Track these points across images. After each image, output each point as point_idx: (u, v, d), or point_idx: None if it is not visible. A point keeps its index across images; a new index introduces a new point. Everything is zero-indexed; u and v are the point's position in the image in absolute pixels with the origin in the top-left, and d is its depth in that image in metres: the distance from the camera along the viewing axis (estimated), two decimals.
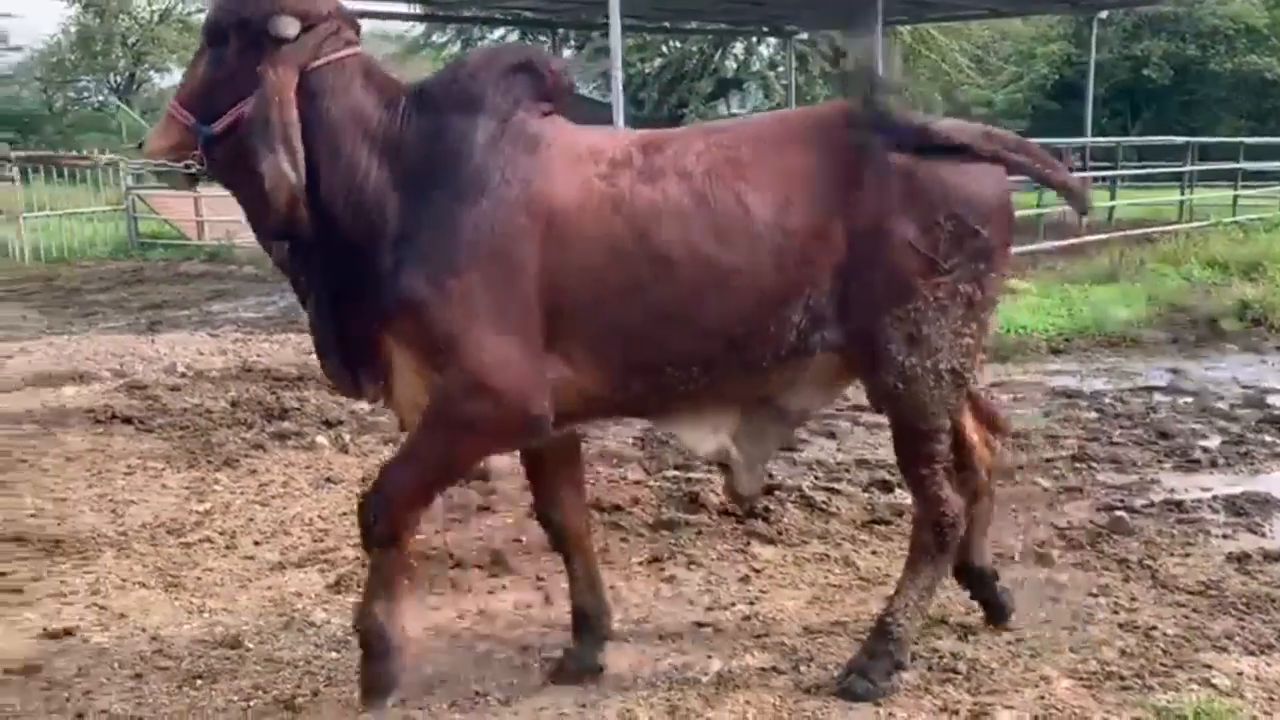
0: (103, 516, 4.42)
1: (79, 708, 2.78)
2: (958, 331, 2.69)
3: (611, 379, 2.65)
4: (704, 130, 2.85)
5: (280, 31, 2.54)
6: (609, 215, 2.58)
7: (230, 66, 2.57)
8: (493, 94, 2.64)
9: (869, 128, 2.66)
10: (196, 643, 3.20)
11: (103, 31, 51.05)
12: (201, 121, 2.59)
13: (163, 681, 2.93)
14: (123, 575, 3.74)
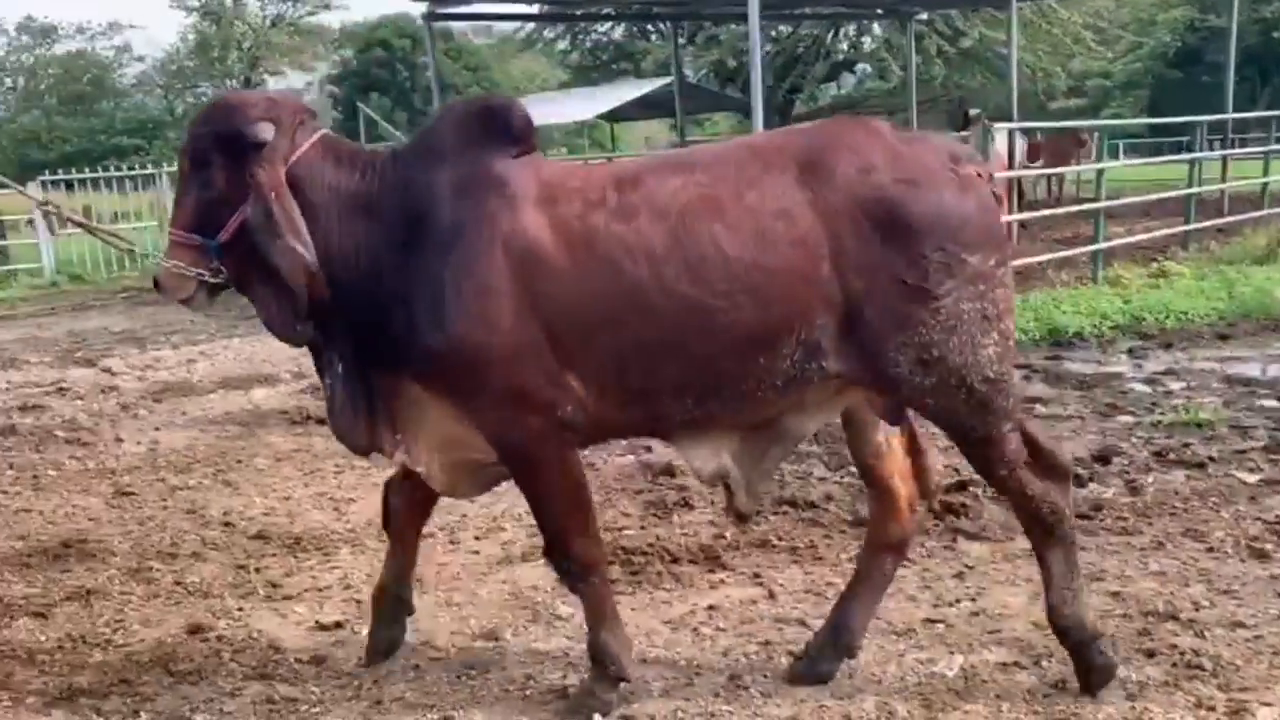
0: (328, 514, 4.73)
1: (374, 696, 3.02)
2: (976, 344, 2.72)
3: (614, 404, 2.76)
4: (680, 165, 2.87)
5: (258, 136, 2.71)
6: (582, 254, 2.66)
7: (219, 182, 2.74)
8: (459, 146, 2.77)
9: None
10: (456, 634, 3.43)
11: (219, 38, 52.87)
12: (207, 238, 2.76)
13: (440, 671, 3.16)
14: (365, 570, 4.01)
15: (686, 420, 2.79)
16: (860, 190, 2.67)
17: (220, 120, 2.76)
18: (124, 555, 4.21)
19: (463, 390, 2.71)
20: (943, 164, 2.77)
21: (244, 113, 2.75)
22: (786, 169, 2.71)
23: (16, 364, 8.89)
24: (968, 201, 2.73)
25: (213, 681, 3.11)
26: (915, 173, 2.71)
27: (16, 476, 5.40)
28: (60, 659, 3.29)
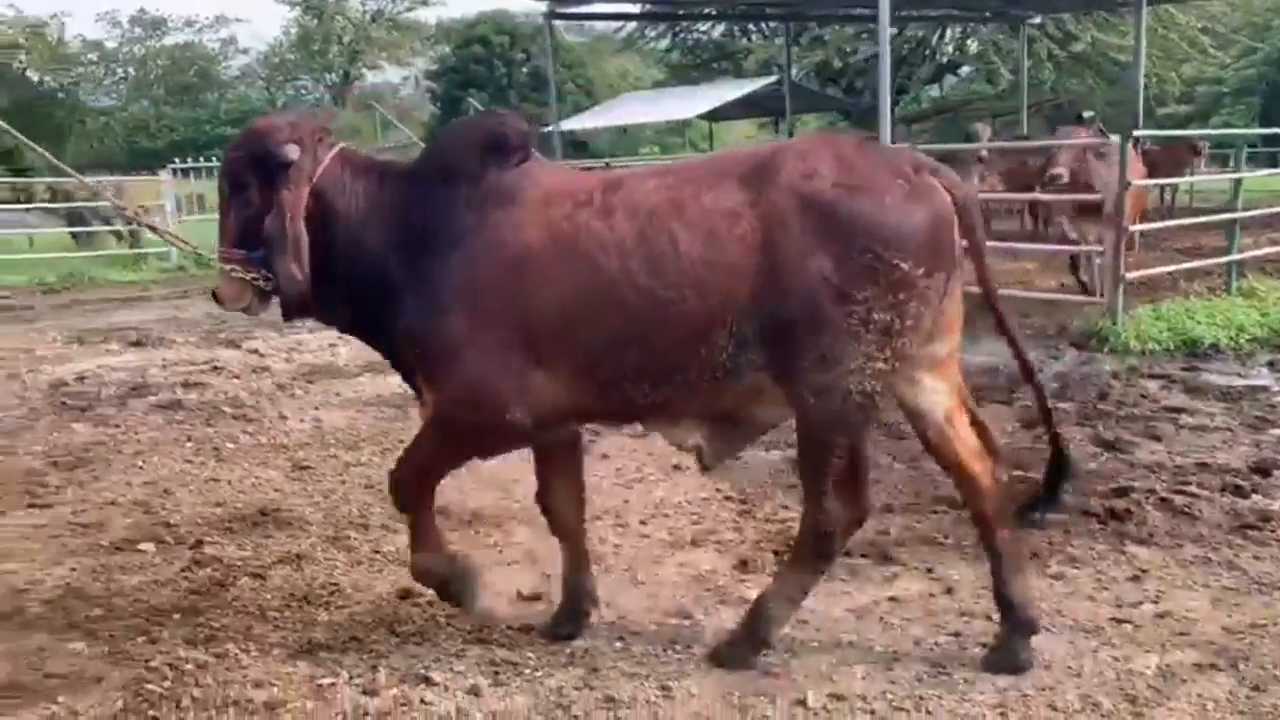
0: (495, 493, 4.92)
1: (588, 664, 3.19)
2: (869, 355, 2.83)
3: (589, 391, 3.03)
4: (658, 170, 3.16)
5: (286, 157, 3.07)
6: (569, 250, 2.95)
7: (255, 199, 3.09)
8: (463, 164, 3.10)
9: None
10: (649, 611, 3.58)
11: (320, 32, 54.21)
12: (251, 250, 3.10)
13: (644, 645, 3.32)
14: (546, 547, 4.19)
15: (648, 405, 3.05)
16: (799, 192, 2.85)
17: (253, 145, 3.12)
18: (319, 525, 4.46)
19: (428, 373, 3.08)
20: (893, 173, 2.89)
21: (272, 136, 3.11)
22: (739, 173, 2.94)
23: (165, 343, 9.34)
24: (913, 210, 2.85)
25: (435, 643, 3.31)
26: (857, 179, 2.86)
27: (198, 448, 5.72)
28: (290, 616, 3.53)
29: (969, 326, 3.23)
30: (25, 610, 3.61)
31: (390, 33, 56.21)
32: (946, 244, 2.92)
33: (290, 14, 54.67)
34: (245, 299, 3.17)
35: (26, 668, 3.15)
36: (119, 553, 4.17)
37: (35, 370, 8.04)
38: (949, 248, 2.93)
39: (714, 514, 4.63)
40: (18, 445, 5.85)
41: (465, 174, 3.07)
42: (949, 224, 2.92)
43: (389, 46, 56.59)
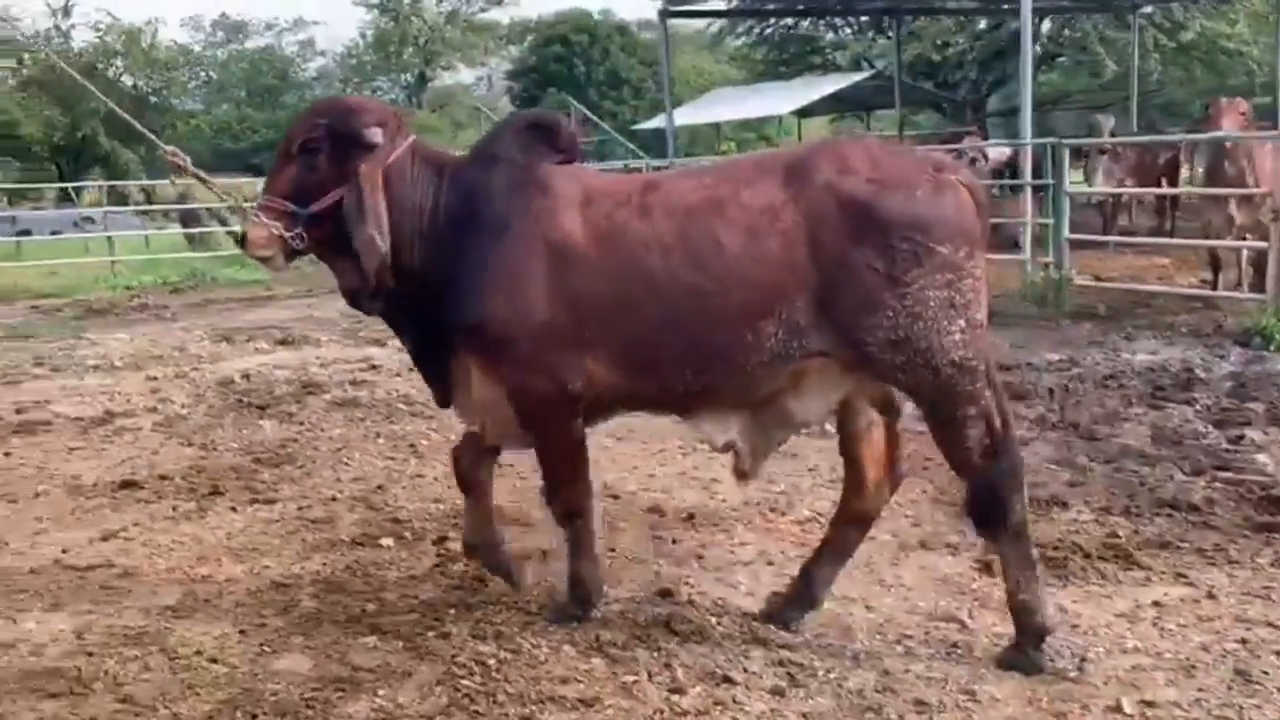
0: (700, 493, 4.96)
1: (880, 667, 3.18)
2: (942, 330, 3.01)
3: (630, 378, 3.21)
4: (696, 170, 3.43)
5: (373, 140, 3.23)
6: (608, 246, 3.14)
7: (323, 166, 3.24)
8: (512, 152, 3.29)
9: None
10: (911, 614, 3.57)
11: (397, 34, 54.89)
12: (299, 207, 3.22)
13: (929, 649, 3.31)
14: (776, 547, 4.21)
15: (689, 391, 3.21)
16: (837, 188, 3.05)
17: (341, 118, 3.27)
18: (544, 520, 4.50)
19: (488, 359, 3.23)
20: (919, 169, 3.13)
21: (363, 117, 3.27)
22: (776, 173, 3.14)
23: (312, 341, 9.55)
24: (941, 201, 3.07)
25: (717, 642, 3.33)
26: (889, 175, 3.07)
27: (393, 445, 5.83)
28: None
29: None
30: (299, 604, 3.70)
31: (464, 34, 56.72)
32: (974, 229, 3.13)
33: (366, 16, 55.55)
34: (273, 249, 3.27)
35: (331, 661, 3.23)
36: (361, 548, 4.26)
37: (198, 369, 8.26)
38: (977, 233, 3.15)
39: (929, 515, 4.60)
40: (215, 441, 6.01)
41: (515, 163, 3.27)
42: (973, 212, 3.14)
43: (463, 47, 57.09)
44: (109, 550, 4.30)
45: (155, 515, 4.73)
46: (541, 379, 3.20)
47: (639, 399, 3.38)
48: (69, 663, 3.24)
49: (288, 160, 3.28)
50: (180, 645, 3.35)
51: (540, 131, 3.36)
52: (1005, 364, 7.38)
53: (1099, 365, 7.39)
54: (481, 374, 3.29)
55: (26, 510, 4.87)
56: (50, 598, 3.79)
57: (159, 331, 10.50)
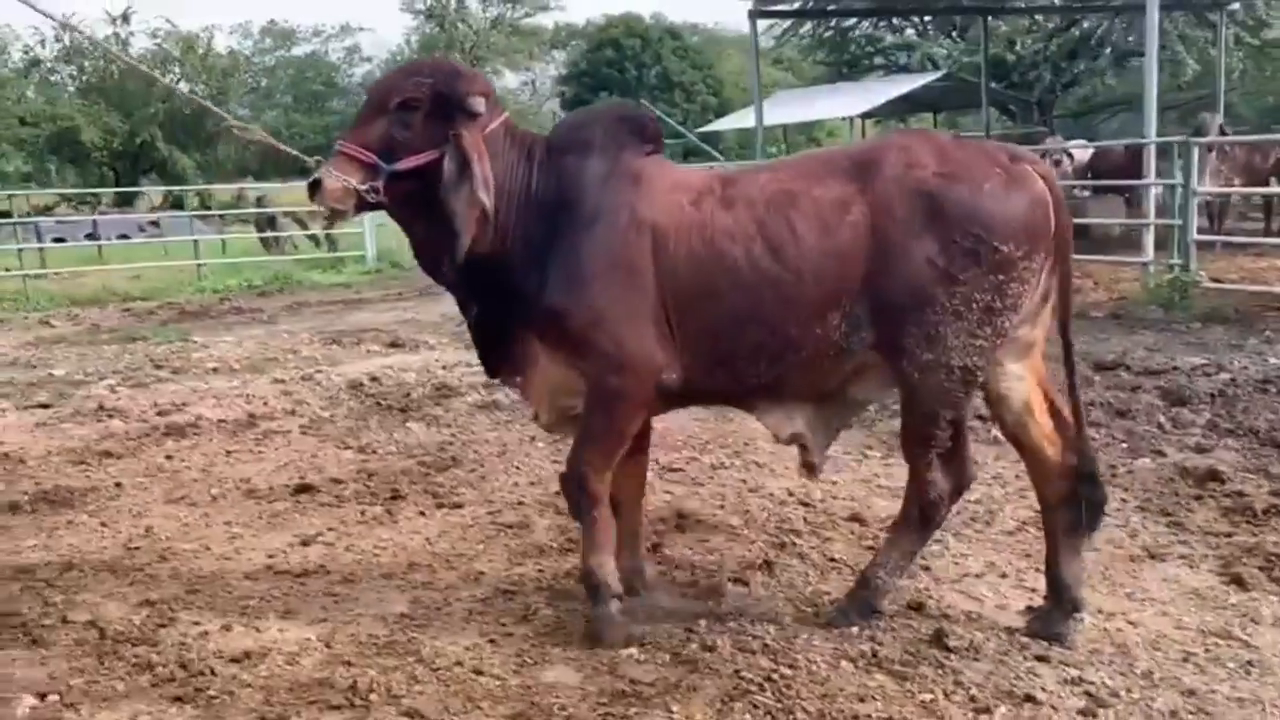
0: (888, 500, 4.78)
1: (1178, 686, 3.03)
2: (972, 334, 3.05)
3: (702, 368, 3.21)
4: (770, 165, 3.47)
5: (476, 109, 3.17)
6: (695, 235, 3.15)
7: (416, 126, 3.16)
8: (603, 140, 3.27)
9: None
10: (1180, 629, 3.40)
11: (443, 39, 55.15)
12: (384, 161, 3.12)
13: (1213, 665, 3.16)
14: (985, 558, 4.03)
15: (759, 384, 3.22)
16: (904, 182, 3.06)
17: (446, 80, 3.19)
18: (754, 529, 4.39)
19: (573, 346, 3.19)
20: (991, 162, 3.11)
21: (470, 84, 3.21)
22: (845, 167, 3.17)
23: (423, 344, 9.49)
24: (1011, 196, 3.06)
25: (999, 659, 3.16)
26: (957, 168, 3.07)
27: (554, 447, 5.67)
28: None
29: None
30: (537, 612, 3.58)
31: (509, 39, 56.87)
32: (1043, 228, 3.10)
33: (412, 22, 55.85)
34: (347, 202, 3.17)
35: (601, 673, 3.11)
36: (570, 555, 4.14)
37: (321, 371, 8.21)
38: (1045, 232, 3.12)
39: (1141, 523, 4.42)
40: (371, 444, 5.93)
41: (606, 152, 3.25)
42: (1045, 209, 3.10)
43: (508, 52, 57.25)
44: (314, 555, 4.21)
45: (345, 520, 4.65)
46: (632, 370, 3.18)
47: (709, 392, 3.38)
48: (330, 673, 3.14)
49: (378, 113, 3.18)
50: (435, 656, 3.24)
51: (629, 123, 3.36)
52: (1152, 368, 7.19)
53: (1248, 370, 7.15)
54: (563, 360, 3.25)
55: (211, 514, 4.80)
56: (279, 604, 3.70)
57: (263, 335, 10.49)
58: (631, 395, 3.23)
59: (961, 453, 3.41)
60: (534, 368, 3.34)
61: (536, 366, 3.33)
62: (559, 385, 3.34)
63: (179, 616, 3.58)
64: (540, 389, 3.39)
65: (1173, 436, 5.70)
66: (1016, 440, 3.38)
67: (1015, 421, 3.34)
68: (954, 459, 3.37)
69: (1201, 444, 5.51)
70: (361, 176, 3.13)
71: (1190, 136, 10.17)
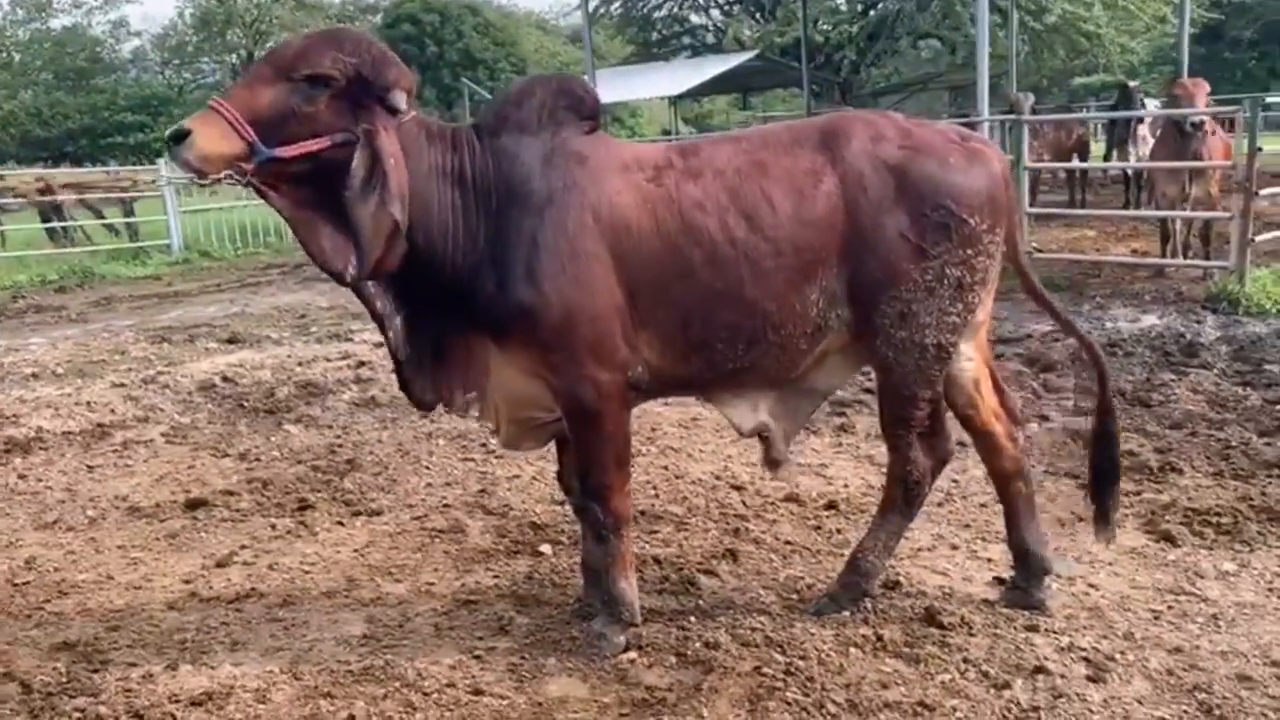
0: (821, 482, 4.82)
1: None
2: (944, 310, 3.05)
3: (675, 356, 3.05)
4: (729, 137, 3.26)
5: (399, 105, 2.82)
6: (661, 211, 2.97)
7: (318, 107, 2.74)
8: (543, 121, 2.98)
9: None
10: (1137, 589, 3.55)
11: (223, 12, 52.17)
12: (265, 143, 2.68)
13: (1184, 620, 3.30)
14: (937, 532, 4.10)
15: (735, 369, 3.09)
16: (872, 155, 3.03)
17: (374, 64, 2.79)
18: (699, 517, 4.29)
19: (545, 347, 2.92)
20: (948, 139, 3.14)
21: (399, 75, 2.83)
22: (813, 138, 3.10)
23: (265, 340, 8.86)
24: (974, 169, 3.08)
25: (996, 633, 3.19)
26: (920, 143, 3.07)
27: (458, 444, 5.43)
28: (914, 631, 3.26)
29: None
30: (512, 620, 3.36)
31: (294, 13, 54.31)
32: (1003, 201, 3.14)
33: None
34: (219, 168, 2.66)
35: (610, 682, 2.94)
36: (519, 557, 3.93)
37: (164, 372, 7.54)
38: (1004, 204, 3.15)
39: (1054, 488, 4.60)
40: (251, 451, 5.48)
41: (545, 131, 2.98)
42: (1002, 183, 3.14)
43: (294, 26, 54.68)
44: (237, 577, 3.83)
45: (256, 536, 4.26)
46: (602, 367, 2.95)
47: (679, 382, 3.16)
48: (312, 709, 2.85)
49: (277, 79, 2.72)
50: (421, 678, 2.99)
51: (566, 98, 3.04)
52: (1005, 336, 7.56)
53: (1092, 334, 7.58)
54: (526, 366, 2.98)
55: (97, 538, 4.30)
56: (221, 635, 3.33)
57: (78, 334, 9.58)
58: (613, 394, 3.00)
59: (940, 429, 3.43)
60: (489, 380, 3.04)
61: (492, 379, 3.04)
62: (521, 396, 3.06)
63: (111, 659, 3.17)
64: (499, 403, 3.10)
65: (1049, 400, 5.98)
66: (967, 420, 3.39)
67: (967, 402, 3.35)
68: (933, 435, 3.39)
69: (1079, 407, 5.80)
70: (230, 147, 2.65)
71: (1005, 115, 10.76)
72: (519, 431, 3.20)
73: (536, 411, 3.12)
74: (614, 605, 3.15)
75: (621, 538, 3.13)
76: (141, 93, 49.54)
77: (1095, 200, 14.78)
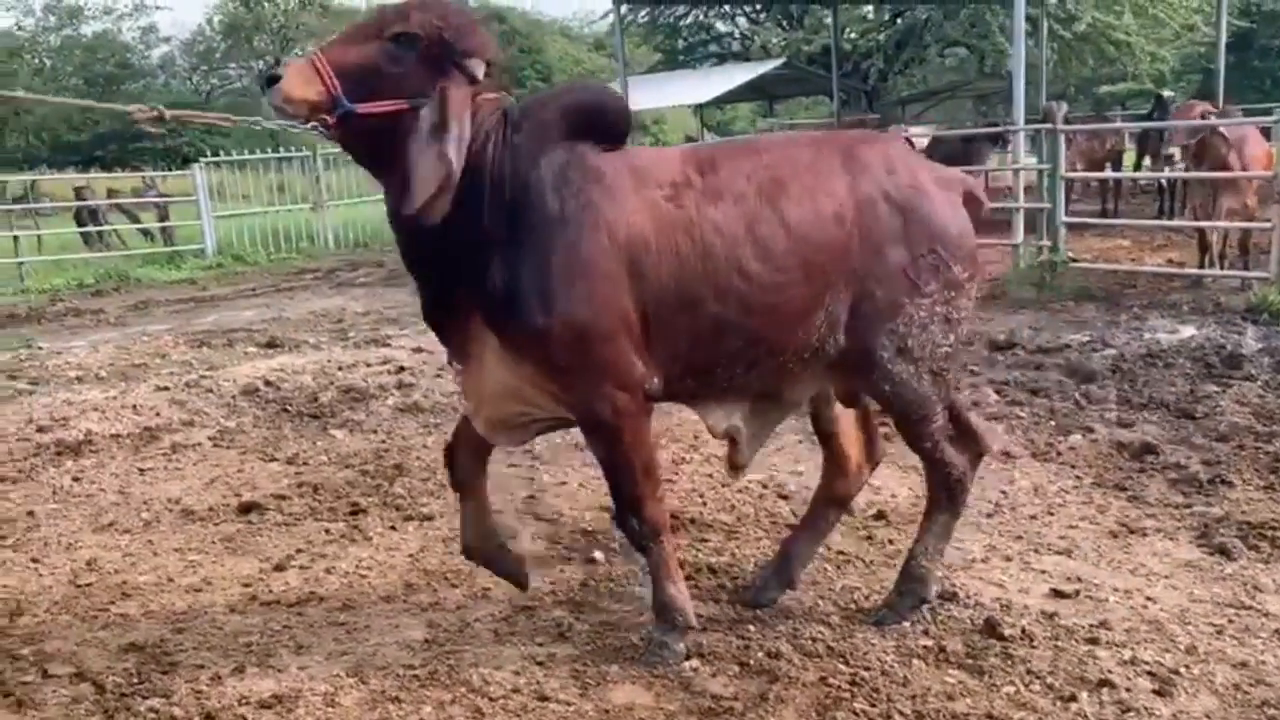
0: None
1: None
2: (937, 344, 3.14)
3: (670, 378, 3.02)
4: (748, 150, 3.18)
5: (474, 72, 2.86)
6: (680, 235, 2.94)
7: (404, 67, 2.80)
8: (566, 132, 2.95)
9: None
10: (1195, 603, 3.54)
11: (250, 19, 52.66)
12: (349, 96, 2.76)
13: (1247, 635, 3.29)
14: (990, 543, 4.10)
15: (728, 388, 3.10)
16: (884, 186, 3.07)
17: (459, 30, 2.84)
18: (749, 526, 4.30)
19: (558, 367, 2.90)
20: (946, 183, 3.22)
21: (483, 45, 2.89)
22: (835, 158, 3.10)
23: (304, 344, 8.92)
24: (958, 217, 3.17)
25: (1057, 645, 3.19)
26: (921, 183, 3.13)
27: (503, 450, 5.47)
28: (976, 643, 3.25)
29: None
30: (571, 627, 3.38)
31: (321, 19, 54.73)
32: (975, 250, 3.23)
33: (214, 1, 52.98)
34: (304, 113, 2.76)
35: (674, 689, 2.96)
36: (570, 563, 3.96)
37: (206, 376, 7.60)
38: (976, 254, 3.24)
39: (1103, 500, 4.58)
40: (299, 455, 5.53)
41: (569, 145, 2.95)
42: (972, 233, 3.23)
43: (321, 33, 55.06)
44: (295, 581, 3.87)
45: (311, 540, 4.30)
46: (619, 384, 2.93)
47: (671, 397, 3.15)
48: (381, 713, 2.88)
49: (369, 37, 2.80)
50: (486, 684, 3.02)
51: (594, 114, 3.01)
52: (1044, 346, 7.53)
53: (1131, 345, 7.56)
54: (528, 376, 2.96)
55: (156, 540, 4.36)
56: (285, 638, 3.37)
57: (117, 338, 9.68)
58: (630, 410, 2.98)
59: (966, 424, 3.41)
60: (478, 363, 3.01)
61: (483, 364, 3.00)
62: (508, 390, 3.03)
63: (178, 660, 3.21)
64: (484, 388, 3.07)
65: (1092, 412, 5.94)
66: (824, 436, 3.54)
67: (827, 420, 3.49)
68: (962, 432, 3.37)
69: (1122, 418, 5.78)
70: (317, 92, 2.74)
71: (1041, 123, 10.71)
72: (499, 423, 3.15)
73: (521, 407, 3.09)
74: (667, 611, 3.16)
75: (662, 544, 3.13)
76: (170, 98, 49.95)
77: (1126, 209, 14.70)
